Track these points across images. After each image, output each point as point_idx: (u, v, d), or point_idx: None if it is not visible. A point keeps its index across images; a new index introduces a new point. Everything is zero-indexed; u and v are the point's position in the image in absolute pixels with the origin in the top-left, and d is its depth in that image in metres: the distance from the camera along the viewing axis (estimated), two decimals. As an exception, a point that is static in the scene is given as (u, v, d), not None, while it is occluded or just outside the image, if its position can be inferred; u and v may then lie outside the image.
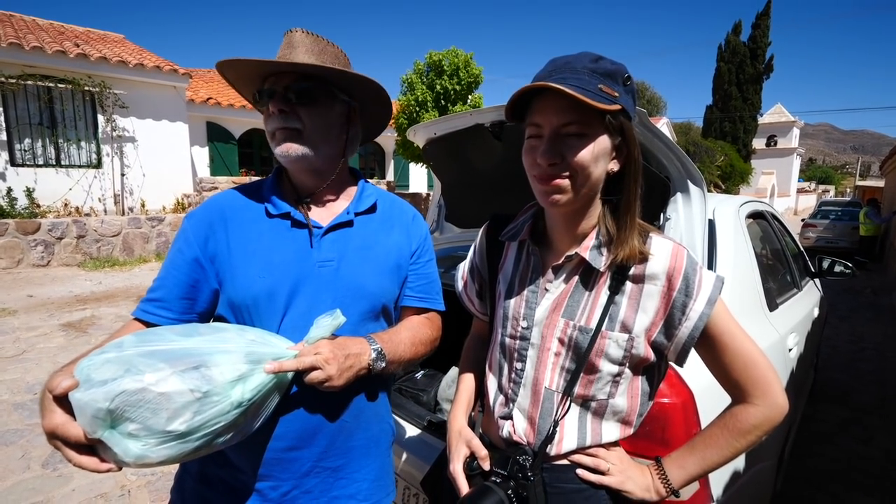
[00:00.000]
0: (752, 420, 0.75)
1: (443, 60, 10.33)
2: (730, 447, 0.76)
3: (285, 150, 0.90)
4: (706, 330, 0.75)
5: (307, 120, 0.91)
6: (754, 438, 0.76)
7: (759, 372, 0.75)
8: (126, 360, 0.67)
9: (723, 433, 0.77)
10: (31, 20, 9.56)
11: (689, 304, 0.74)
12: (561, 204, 0.75)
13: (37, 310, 5.19)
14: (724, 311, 0.77)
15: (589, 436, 0.81)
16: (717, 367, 0.79)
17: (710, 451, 0.78)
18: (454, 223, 2.30)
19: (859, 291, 7.83)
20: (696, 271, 0.76)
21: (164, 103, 9.28)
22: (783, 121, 30.26)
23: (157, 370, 0.67)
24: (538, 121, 0.74)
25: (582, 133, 0.71)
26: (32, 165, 7.97)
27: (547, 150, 0.72)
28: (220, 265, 0.91)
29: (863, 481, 2.54)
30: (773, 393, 0.75)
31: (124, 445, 0.65)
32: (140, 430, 0.65)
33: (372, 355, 0.86)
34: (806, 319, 2.27)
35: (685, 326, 0.75)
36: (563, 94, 0.68)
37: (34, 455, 2.50)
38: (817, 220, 12.74)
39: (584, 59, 0.72)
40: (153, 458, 0.67)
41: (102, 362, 0.67)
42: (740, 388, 0.77)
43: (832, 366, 4.31)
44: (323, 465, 0.92)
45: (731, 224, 1.67)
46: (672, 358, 0.80)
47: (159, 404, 0.65)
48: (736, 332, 0.77)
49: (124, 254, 8.05)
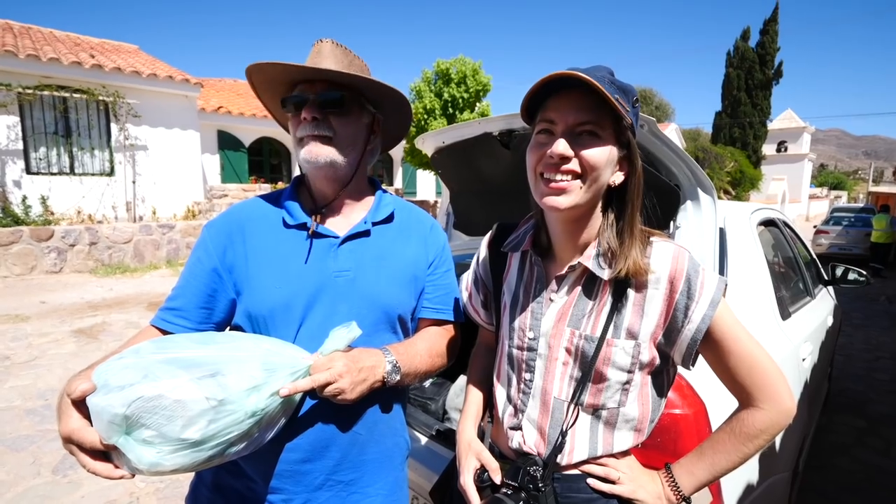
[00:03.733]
0: (758, 424, 0.74)
1: (450, 69, 10.41)
2: (738, 452, 0.76)
3: (314, 154, 0.90)
4: (710, 332, 0.75)
5: (339, 128, 0.92)
6: (762, 442, 0.75)
7: (765, 375, 0.74)
8: (144, 367, 0.67)
9: (730, 438, 0.76)
10: (48, 32, 9.80)
11: (692, 306, 0.74)
12: (562, 208, 0.74)
13: (49, 316, 5.26)
14: (727, 312, 0.76)
15: (601, 445, 0.81)
16: (723, 371, 0.78)
17: (719, 456, 0.77)
18: (463, 231, 2.30)
19: (874, 299, 7.69)
20: (699, 273, 0.75)
21: (176, 112, 9.44)
22: (793, 126, 30.01)
23: (174, 377, 0.67)
24: (552, 116, 0.73)
25: (596, 134, 0.71)
26: (47, 174, 8.13)
27: (561, 144, 0.71)
28: (237, 276, 0.91)
29: (880, 493, 2.48)
30: (779, 396, 0.74)
31: (138, 452, 0.65)
32: (155, 437, 0.65)
33: (387, 368, 0.86)
34: (820, 328, 2.23)
35: (688, 329, 0.75)
36: (589, 91, 0.68)
37: (45, 461, 2.52)
38: (830, 227, 12.55)
39: (602, 69, 0.73)
40: (166, 466, 0.67)
41: (121, 368, 0.68)
42: (746, 392, 0.76)
43: (847, 375, 4.22)
44: (336, 479, 0.91)
45: (742, 232, 1.66)
46: (678, 360, 0.79)
47: (175, 411, 0.65)
48: (741, 334, 0.76)
49: (135, 261, 8.16)
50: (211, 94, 12.48)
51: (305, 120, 0.90)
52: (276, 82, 0.94)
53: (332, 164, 0.91)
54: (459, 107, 10.46)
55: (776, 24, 23.88)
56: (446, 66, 10.46)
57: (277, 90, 0.96)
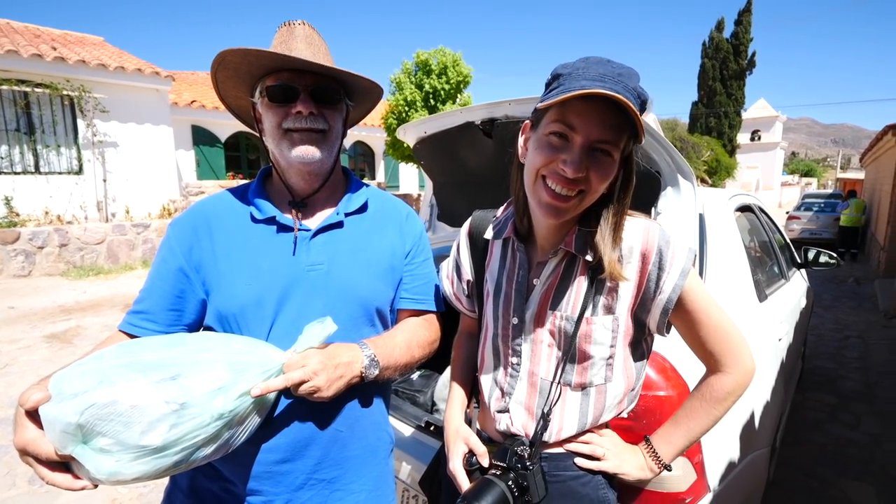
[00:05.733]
0: (726, 388, 0.79)
1: (431, 60, 10.31)
2: (709, 416, 0.81)
3: (310, 152, 0.87)
4: (681, 300, 0.78)
5: (332, 122, 0.90)
6: (729, 404, 0.80)
7: (731, 342, 0.79)
8: (100, 372, 0.65)
9: (701, 404, 0.81)
10: (4, 23, 9.32)
11: (663, 276, 0.77)
12: (559, 221, 0.76)
13: (19, 322, 5.06)
14: (696, 281, 0.79)
15: (589, 420, 0.84)
16: (693, 338, 0.81)
17: (693, 422, 0.82)
18: (447, 222, 2.29)
19: (842, 280, 8.00)
20: (669, 245, 0.77)
21: (147, 107, 9.11)
22: (766, 115, 30.78)
23: (130, 381, 0.64)
24: (574, 122, 0.69)
25: (610, 153, 0.71)
26: (10, 173, 7.76)
27: (578, 161, 0.69)
28: (205, 274, 0.88)
29: (852, 466, 2.59)
30: (742, 359, 0.79)
31: (96, 462, 0.63)
32: (112, 445, 0.62)
33: (364, 362, 0.84)
34: (794, 309, 2.31)
35: (660, 298, 0.78)
36: (618, 108, 0.66)
37: (19, 471, 2.43)
38: (801, 213, 12.97)
39: (634, 78, 0.69)
40: (127, 475, 0.64)
41: (77, 374, 0.65)
42: (714, 359, 0.80)
43: (818, 354, 4.39)
44: (317, 478, 0.89)
45: (720, 217, 1.69)
46: (653, 328, 0.82)
47: (131, 417, 0.63)
48: (709, 303, 0.79)
49: (109, 262, 7.90)
50: (183, 88, 12.09)
51: (300, 113, 0.86)
52: (250, 72, 0.89)
53: (321, 160, 0.89)
54: (441, 98, 10.39)
55: (750, 15, 24.35)
56: (426, 57, 10.36)
57: (249, 79, 0.91)
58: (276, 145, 0.89)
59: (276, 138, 0.89)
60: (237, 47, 0.83)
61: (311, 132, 0.87)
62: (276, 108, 0.87)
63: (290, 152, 0.87)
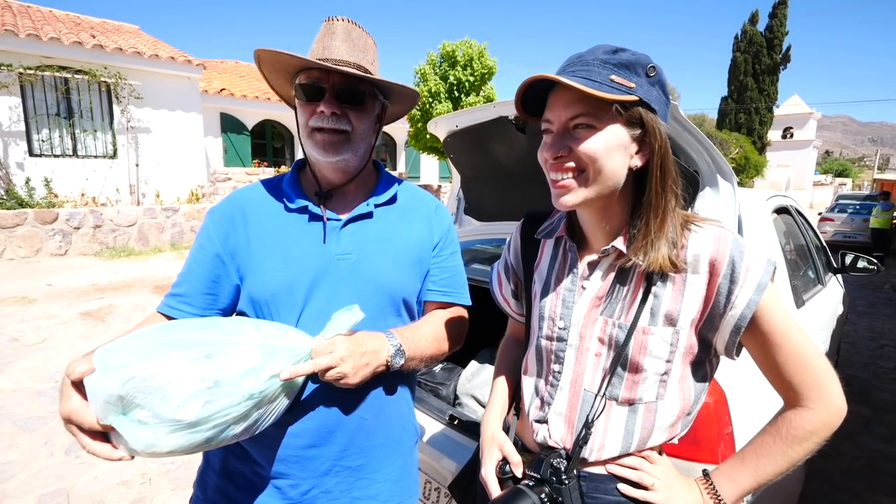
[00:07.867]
0: (808, 426, 0.68)
1: (456, 51, 10.24)
2: (784, 456, 0.70)
3: (330, 153, 0.89)
4: (755, 320, 0.69)
5: (356, 123, 0.90)
6: (811, 446, 0.69)
7: (816, 372, 0.68)
8: (140, 348, 0.68)
9: (776, 441, 0.70)
10: (47, 11, 9.64)
11: (735, 290, 0.68)
12: (570, 205, 0.72)
13: (56, 298, 5.29)
14: (775, 299, 0.70)
15: (635, 442, 0.76)
16: (769, 365, 0.72)
17: (763, 461, 0.71)
18: (474, 216, 2.28)
19: (878, 287, 7.68)
20: (743, 255, 0.69)
21: (179, 94, 9.34)
22: (800, 112, 29.55)
23: (168, 357, 0.67)
24: (548, 116, 0.72)
25: (591, 125, 0.69)
26: (50, 156, 8.08)
27: (552, 144, 0.71)
28: (240, 260, 0.91)
29: (885, 480, 2.50)
30: (831, 396, 0.68)
31: (134, 433, 0.66)
32: (150, 418, 0.66)
33: (390, 351, 0.85)
34: (832, 317, 2.23)
35: (731, 314, 0.69)
36: (567, 87, 0.67)
37: (57, 442, 2.56)
38: (834, 214, 12.45)
39: (597, 51, 0.71)
40: (162, 447, 0.67)
41: (120, 349, 0.69)
42: (794, 391, 0.70)
43: (852, 363, 4.23)
44: (343, 465, 0.91)
45: (758, 220, 1.64)
46: (721, 349, 0.74)
47: (169, 391, 0.66)
48: (790, 325, 0.69)
49: (140, 244, 8.16)
50: (213, 77, 12.32)
51: (323, 113, 0.87)
52: (284, 68, 0.91)
53: (345, 160, 0.91)
54: (465, 90, 10.32)
55: (786, 8, 23.31)
56: (452, 49, 10.28)
57: (284, 73, 0.93)
58: (305, 141, 0.91)
59: (304, 135, 0.91)
60: (266, 48, 0.86)
61: (333, 133, 0.88)
62: (305, 106, 0.89)
63: (313, 150, 0.90)
